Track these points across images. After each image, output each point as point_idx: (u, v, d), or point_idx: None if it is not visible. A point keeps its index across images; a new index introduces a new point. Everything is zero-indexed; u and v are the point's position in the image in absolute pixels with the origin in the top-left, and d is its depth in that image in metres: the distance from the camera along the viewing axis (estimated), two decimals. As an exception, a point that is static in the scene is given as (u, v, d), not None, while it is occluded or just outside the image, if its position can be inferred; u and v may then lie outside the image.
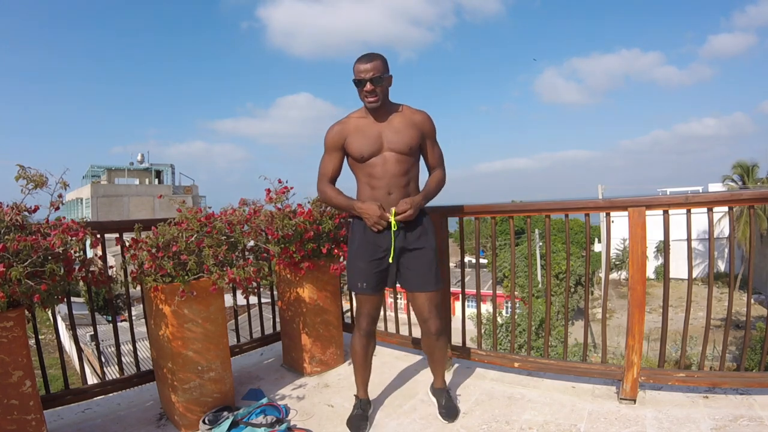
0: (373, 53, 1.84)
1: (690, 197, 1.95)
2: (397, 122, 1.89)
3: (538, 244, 21.36)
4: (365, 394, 2.07)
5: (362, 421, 1.97)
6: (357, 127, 1.90)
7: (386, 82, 1.86)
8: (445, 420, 1.97)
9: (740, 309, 13.83)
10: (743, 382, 1.93)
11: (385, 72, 1.84)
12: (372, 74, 1.79)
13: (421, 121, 1.91)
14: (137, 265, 1.95)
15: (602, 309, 2.29)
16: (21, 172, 1.65)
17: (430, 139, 1.95)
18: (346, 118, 1.95)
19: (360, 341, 1.99)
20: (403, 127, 1.88)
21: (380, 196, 1.86)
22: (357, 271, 1.93)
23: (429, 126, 1.94)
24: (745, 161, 24.03)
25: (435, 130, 1.96)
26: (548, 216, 2.30)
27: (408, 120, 1.90)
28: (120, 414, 2.14)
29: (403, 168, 1.87)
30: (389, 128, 1.88)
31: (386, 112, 1.89)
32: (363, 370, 2.05)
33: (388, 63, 1.86)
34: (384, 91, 1.86)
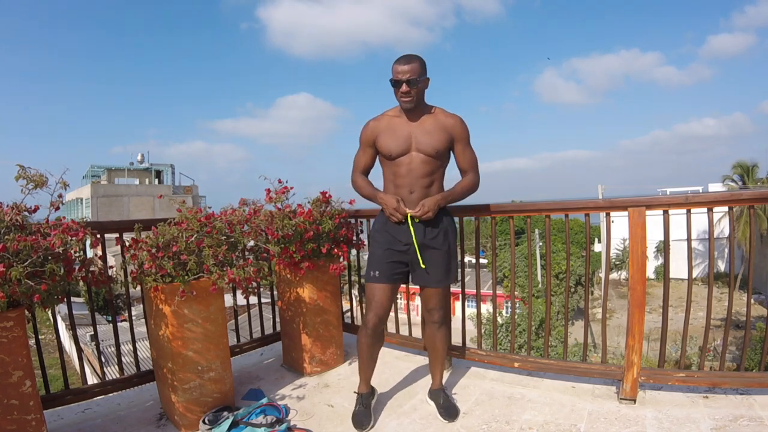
0: (412, 55, 1.87)
1: (690, 197, 1.94)
2: (428, 124, 1.92)
3: (538, 244, 21.35)
4: (366, 388, 2.09)
5: (365, 417, 1.99)
6: (389, 125, 1.96)
7: (422, 85, 1.88)
8: (445, 420, 1.98)
9: (740, 309, 13.84)
10: (743, 382, 1.93)
11: (422, 74, 1.87)
12: (408, 76, 1.83)
13: (452, 125, 1.93)
14: (137, 265, 1.94)
15: (602, 309, 2.29)
16: (21, 172, 1.65)
17: (461, 143, 1.95)
18: (381, 115, 2.01)
19: (366, 339, 2.00)
20: (434, 129, 1.91)
21: (403, 194, 1.93)
22: (373, 260, 1.98)
23: (460, 130, 1.94)
24: (745, 161, 24.03)
25: (467, 134, 1.97)
26: (548, 216, 2.30)
27: (439, 123, 1.92)
28: (120, 414, 2.14)
29: (428, 169, 1.91)
30: (420, 129, 1.92)
31: (419, 113, 1.94)
32: (366, 365, 2.07)
33: (426, 65, 1.89)
34: (419, 92, 1.88)
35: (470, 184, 1.99)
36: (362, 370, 2.08)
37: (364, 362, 2.06)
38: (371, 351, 2.04)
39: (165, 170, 35.14)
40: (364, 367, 2.07)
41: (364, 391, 2.08)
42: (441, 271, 1.97)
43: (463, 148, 1.97)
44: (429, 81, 1.91)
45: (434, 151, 1.89)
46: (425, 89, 1.92)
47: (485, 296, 10.37)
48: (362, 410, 2.03)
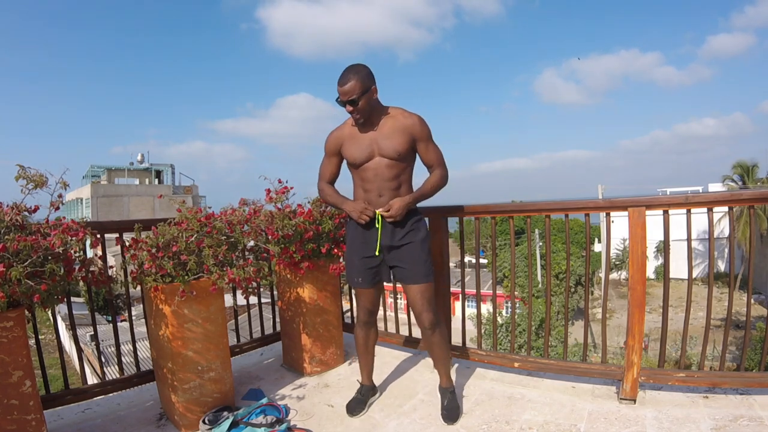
0: (350, 71, 1.84)
1: (690, 197, 1.94)
2: (387, 128, 1.93)
3: (538, 244, 21.35)
4: (367, 381, 2.21)
5: (358, 404, 2.11)
6: (351, 134, 1.98)
7: (368, 97, 1.86)
8: (445, 422, 1.98)
9: (740, 309, 13.84)
10: (743, 382, 1.93)
11: (365, 88, 1.84)
12: (349, 97, 1.84)
13: (411, 125, 1.93)
14: (137, 265, 1.94)
15: (602, 309, 2.29)
16: (21, 172, 1.65)
17: (423, 141, 1.96)
18: (343, 124, 2.04)
19: (360, 331, 2.15)
20: (393, 132, 1.92)
21: (372, 198, 1.96)
22: (352, 267, 2.06)
23: (419, 129, 1.94)
24: (745, 161, 24.04)
25: (427, 131, 1.96)
26: (548, 216, 2.30)
27: (399, 125, 1.93)
28: (120, 414, 2.14)
29: (394, 172, 1.94)
30: (380, 134, 1.93)
31: (378, 119, 1.95)
32: (363, 357, 2.20)
33: (369, 74, 1.86)
34: (366, 106, 1.87)
35: (438, 178, 1.98)
36: (360, 363, 2.22)
37: (361, 354, 2.19)
38: (366, 340, 2.16)
39: (165, 170, 35.13)
40: (361, 360, 2.21)
41: (366, 383, 2.20)
42: (417, 267, 1.95)
43: (426, 145, 1.97)
44: (376, 90, 1.89)
45: (396, 154, 1.91)
46: (374, 97, 1.90)
47: (485, 296, 10.35)
48: (357, 398, 2.14)
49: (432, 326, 1.99)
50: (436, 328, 2.01)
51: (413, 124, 1.93)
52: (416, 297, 1.98)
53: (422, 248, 1.98)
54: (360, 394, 2.16)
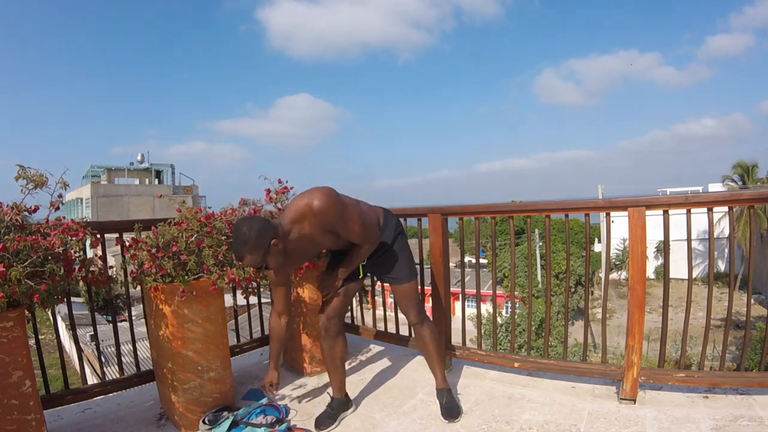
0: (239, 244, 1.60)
1: (690, 197, 1.94)
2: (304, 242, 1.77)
3: (538, 244, 21.35)
4: (338, 393, 2.10)
5: (328, 419, 2.01)
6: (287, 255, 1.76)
7: (272, 256, 1.65)
8: (446, 420, 1.98)
9: (740, 309, 13.83)
10: (743, 382, 1.93)
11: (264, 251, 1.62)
12: (252, 266, 1.70)
13: (318, 223, 1.72)
14: (137, 265, 1.94)
15: (602, 309, 2.29)
16: (21, 172, 1.65)
17: (337, 228, 1.76)
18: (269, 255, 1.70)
19: (323, 343, 2.08)
20: (310, 243, 1.80)
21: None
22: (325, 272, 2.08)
23: (324, 220, 1.71)
24: (745, 161, 24.03)
25: (331, 216, 1.71)
26: (548, 216, 2.30)
27: (308, 232, 1.74)
28: (120, 414, 2.14)
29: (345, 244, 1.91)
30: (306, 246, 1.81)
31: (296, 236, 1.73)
32: (333, 372, 2.10)
33: (260, 237, 1.59)
34: (275, 261, 1.69)
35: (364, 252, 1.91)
36: (330, 376, 2.12)
37: (329, 367, 2.10)
38: (331, 353, 2.06)
39: (165, 170, 35.12)
40: (330, 373, 2.11)
41: (338, 396, 2.09)
42: (396, 271, 2.03)
43: (342, 228, 1.77)
44: (278, 242, 1.64)
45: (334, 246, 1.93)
46: (280, 247, 1.66)
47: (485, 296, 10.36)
48: (328, 412, 2.03)
49: (418, 323, 2.08)
50: (423, 324, 2.08)
51: (315, 219, 1.70)
52: (401, 298, 2.08)
53: (398, 253, 2.03)
54: (331, 408, 2.03)
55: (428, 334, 2.10)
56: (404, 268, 2.04)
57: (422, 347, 2.14)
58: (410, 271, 2.06)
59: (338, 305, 2.04)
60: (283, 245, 1.68)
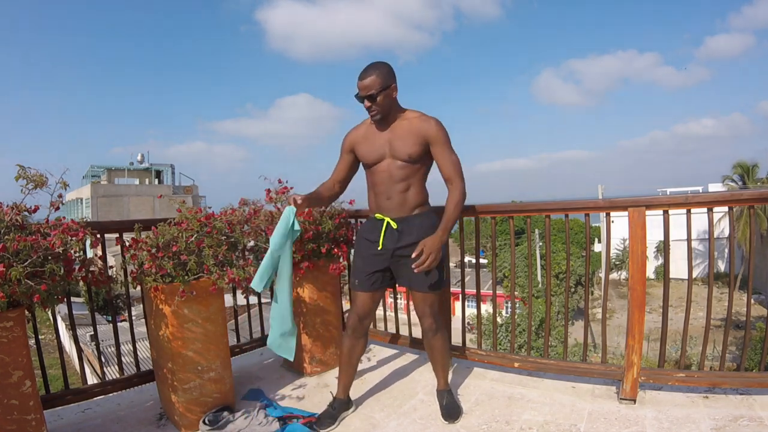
0: (371, 67, 1.84)
1: (690, 197, 1.95)
2: (402, 130, 1.90)
3: (538, 244, 21.36)
4: (343, 395, 2.07)
5: (328, 418, 1.99)
6: (366, 134, 1.97)
7: (387, 94, 1.85)
8: (446, 420, 1.98)
9: (740, 309, 13.83)
10: (743, 382, 1.93)
11: (385, 85, 1.83)
12: (367, 91, 1.82)
13: (426, 129, 1.88)
14: (137, 265, 1.94)
15: (602, 309, 2.29)
16: (21, 172, 1.65)
17: (438, 146, 1.88)
18: (361, 123, 2.03)
19: (347, 340, 2.04)
20: (407, 134, 1.89)
21: (381, 201, 1.95)
22: (355, 268, 2.04)
23: (434, 132, 1.87)
24: (745, 161, 24.04)
25: (443, 136, 1.88)
26: (548, 216, 2.30)
27: (413, 128, 1.89)
28: (120, 414, 2.14)
29: (403, 174, 1.90)
30: (394, 136, 1.91)
31: (394, 119, 1.92)
32: (345, 369, 2.07)
33: (390, 72, 1.85)
34: (383, 103, 1.86)
35: (459, 197, 1.88)
36: (341, 374, 2.09)
37: (343, 365, 2.07)
38: (351, 353, 2.04)
39: (165, 170, 35.12)
40: (342, 371, 2.08)
41: (341, 396, 2.07)
42: (421, 275, 1.90)
43: (441, 151, 1.89)
44: (396, 89, 1.87)
45: (407, 157, 1.87)
46: (394, 96, 1.88)
47: (485, 296, 10.35)
48: (329, 411, 2.02)
49: (431, 331, 2.01)
50: (437, 333, 2.02)
51: (429, 127, 1.88)
52: (418, 303, 1.99)
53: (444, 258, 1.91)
54: (332, 408, 2.02)
55: (441, 344, 2.05)
56: (434, 277, 1.93)
57: (430, 353, 2.11)
58: (439, 281, 1.96)
59: (371, 306, 2.01)
60: (388, 102, 1.86)
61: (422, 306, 1.98)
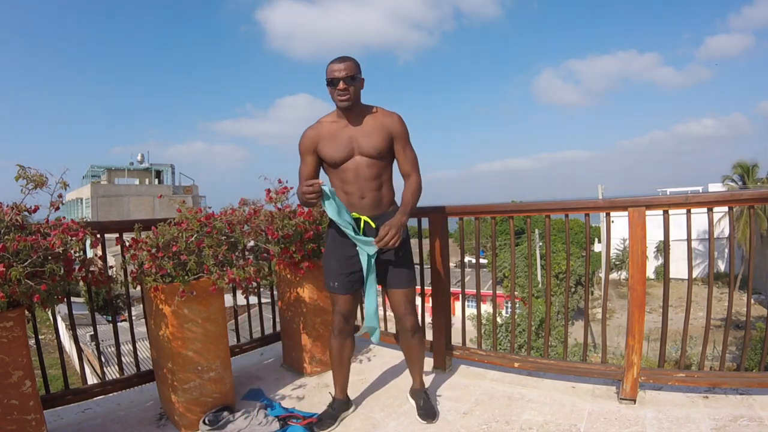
0: (346, 56, 1.85)
1: (690, 197, 1.95)
2: (367, 126, 1.89)
3: (538, 244, 21.35)
4: (340, 394, 2.08)
5: (329, 419, 1.99)
6: (329, 131, 1.91)
7: (359, 84, 1.86)
8: (424, 421, 1.97)
9: (740, 309, 13.84)
10: (743, 382, 1.93)
11: (358, 73, 1.84)
12: (345, 73, 1.80)
13: (390, 123, 1.89)
14: (137, 265, 1.94)
15: (602, 309, 2.29)
16: (21, 172, 1.65)
17: (401, 141, 1.90)
18: (318, 123, 1.96)
19: (334, 340, 2.02)
20: (373, 130, 1.88)
21: (354, 200, 1.89)
22: (329, 271, 1.98)
23: (398, 128, 1.89)
24: (745, 161, 24.03)
25: (405, 131, 1.92)
26: (548, 216, 2.30)
27: (378, 123, 1.89)
28: (120, 414, 2.14)
29: (375, 172, 1.88)
30: (360, 132, 1.88)
31: (358, 115, 1.89)
32: (338, 369, 2.07)
33: (360, 66, 1.86)
34: (356, 91, 1.85)
35: (416, 187, 1.92)
36: (334, 375, 2.09)
37: (335, 366, 2.06)
38: (341, 353, 2.03)
39: (165, 170, 35.11)
40: (335, 372, 2.08)
41: (339, 397, 2.07)
42: (401, 271, 1.93)
43: (404, 147, 1.91)
44: (364, 81, 1.89)
45: (376, 152, 1.86)
46: (361, 89, 1.89)
47: (485, 296, 10.35)
48: (329, 411, 2.02)
49: (414, 329, 1.99)
50: (418, 331, 2.02)
51: (393, 122, 1.89)
52: (400, 301, 1.96)
53: (405, 252, 1.95)
54: (332, 408, 2.03)
55: (420, 342, 2.05)
56: (409, 271, 1.97)
57: (408, 355, 2.09)
58: (413, 275, 2.00)
59: (354, 305, 2.01)
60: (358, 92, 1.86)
61: (404, 304, 1.96)
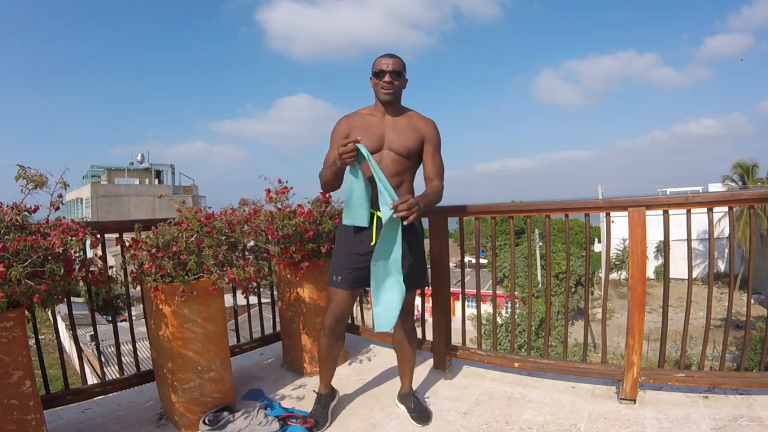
0: (395, 53, 1.90)
1: (690, 197, 1.95)
2: (401, 123, 1.92)
3: (538, 244, 21.35)
4: (326, 390, 2.08)
5: (322, 417, 2.01)
6: (363, 122, 1.93)
7: (403, 81, 1.91)
8: (418, 423, 1.97)
9: (740, 309, 13.84)
10: (743, 382, 1.93)
11: (404, 72, 1.89)
12: (393, 68, 1.86)
13: (424, 127, 1.93)
14: (137, 265, 1.94)
15: (602, 309, 2.29)
16: (21, 172, 1.65)
17: (431, 145, 1.93)
18: (354, 113, 1.99)
19: (324, 339, 1.99)
20: (406, 128, 1.90)
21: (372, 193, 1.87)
22: (336, 265, 1.96)
23: (432, 133, 1.93)
24: (745, 161, 24.03)
25: (438, 139, 1.95)
26: (548, 216, 2.30)
27: (412, 123, 1.93)
28: (120, 414, 2.14)
29: (399, 168, 1.88)
30: (393, 128, 1.90)
31: (395, 112, 1.94)
32: (326, 368, 2.06)
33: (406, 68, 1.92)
34: (399, 88, 1.90)
35: (438, 189, 1.92)
36: (322, 371, 2.08)
37: (324, 363, 2.05)
38: (330, 351, 2.02)
39: (165, 170, 35.10)
40: (323, 368, 2.07)
41: (324, 392, 2.08)
42: (412, 274, 1.90)
43: (433, 152, 1.94)
44: (407, 82, 1.93)
45: (405, 150, 1.87)
46: (403, 89, 1.93)
47: (485, 296, 10.37)
48: (319, 410, 2.04)
49: (412, 331, 2.02)
50: (414, 334, 2.05)
51: (428, 126, 1.94)
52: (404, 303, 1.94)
53: (418, 255, 1.94)
54: (320, 405, 2.05)
55: (414, 344, 2.06)
56: (420, 274, 1.96)
57: (402, 353, 2.08)
58: (424, 278, 1.99)
59: (350, 306, 2.00)
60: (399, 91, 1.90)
61: (406, 306, 1.93)
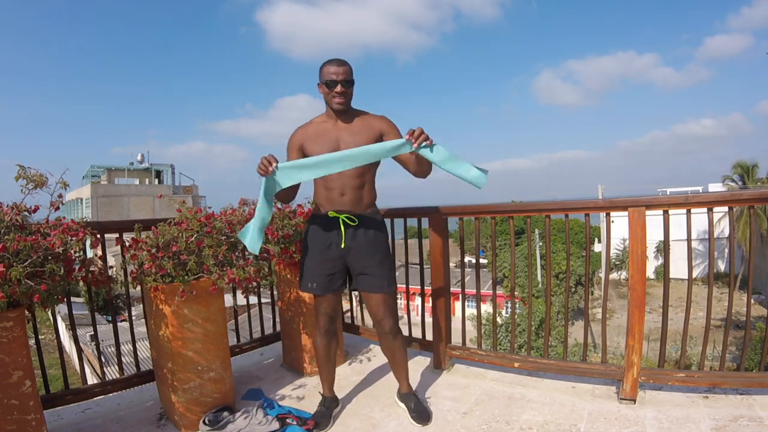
0: (343, 59, 1.87)
1: (690, 197, 1.95)
2: (356, 126, 1.91)
3: (538, 244, 21.35)
4: (329, 392, 2.10)
5: (324, 418, 2.01)
6: (316, 131, 1.93)
7: (352, 88, 1.89)
8: (418, 423, 1.97)
9: (740, 309, 13.85)
10: (743, 382, 1.93)
11: (353, 78, 1.87)
12: (344, 77, 1.83)
13: (378, 123, 1.92)
14: (137, 265, 1.94)
15: (602, 309, 2.29)
16: (21, 172, 1.65)
17: (393, 135, 1.90)
18: (308, 123, 1.98)
19: (321, 339, 2.03)
20: (362, 129, 1.90)
21: (334, 196, 1.89)
22: (308, 272, 1.96)
23: (387, 125, 1.92)
24: (745, 161, 24.04)
25: (396, 127, 1.93)
26: (548, 216, 2.30)
27: (367, 124, 1.91)
28: (120, 414, 2.14)
29: (358, 170, 1.87)
30: (348, 131, 1.89)
31: (348, 117, 1.92)
32: (325, 367, 2.08)
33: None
34: (351, 95, 1.88)
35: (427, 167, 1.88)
36: (322, 374, 2.09)
37: (322, 365, 2.07)
38: (327, 351, 2.05)
39: (165, 170, 35.11)
40: (323, 370, 2.09)
41: (328, 394, 2.10)
42: (382, 276, 1.92)
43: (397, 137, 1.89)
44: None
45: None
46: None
47: (485, 296, 10.37)
48: (323, 411, 2.04)
49: (394, 332, 1.99)
50: (399, 333, 2.02)
51: (381, 121, 1.93)
52: (379, 306, 1.95)
53: (387, 255, 1.95)
54: (324, 407, 2.06)
55: (402, 344, 2.04)
56: (390, 275, 1.96)
57: (392, 355, 2.07)
58: (393, 279, 1.99)
59: (338, 304, 2.01)
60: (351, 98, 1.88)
61: (383, 307, 1.95)
